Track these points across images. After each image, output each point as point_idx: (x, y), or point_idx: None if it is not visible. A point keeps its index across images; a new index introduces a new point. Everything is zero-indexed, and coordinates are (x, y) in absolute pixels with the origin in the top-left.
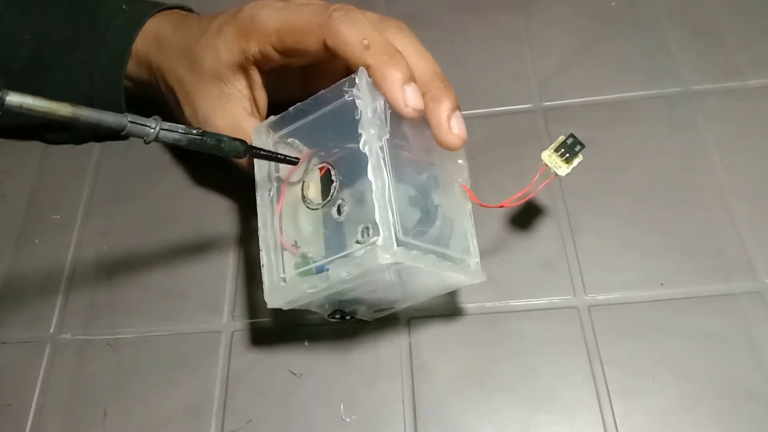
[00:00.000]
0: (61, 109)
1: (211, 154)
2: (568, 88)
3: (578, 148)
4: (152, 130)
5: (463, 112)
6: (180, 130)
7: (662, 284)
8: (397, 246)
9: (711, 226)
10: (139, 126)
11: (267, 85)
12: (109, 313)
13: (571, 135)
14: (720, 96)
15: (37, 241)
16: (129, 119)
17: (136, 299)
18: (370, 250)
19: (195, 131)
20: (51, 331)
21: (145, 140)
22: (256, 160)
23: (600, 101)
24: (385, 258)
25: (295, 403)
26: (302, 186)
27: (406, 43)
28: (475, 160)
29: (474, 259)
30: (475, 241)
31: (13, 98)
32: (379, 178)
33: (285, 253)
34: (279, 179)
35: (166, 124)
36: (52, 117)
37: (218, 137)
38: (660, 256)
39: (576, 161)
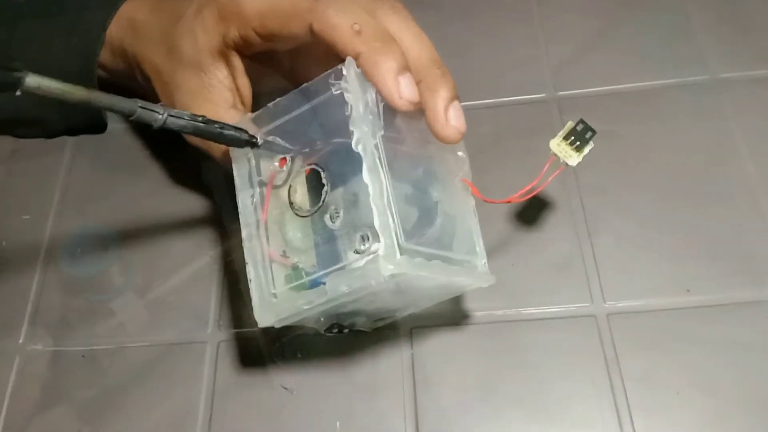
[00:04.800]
0: (76, 92)
1: (216, 142)
2: (584, 76)
3: (589, 134)
4: (161, 116)
5: (469, 103)
6: (186, 117)
7: (688, 290)
8: (400, 254)
9: (741, 227)
10: (149, 112)
11: (251, 71)
12: (84, 322)
13: (581, 121)
14: (750, 84)
15: (4, 243)
16: (139, 104)
17: (113, 307)
18: (371, 261)
19: (200, 119)
20: (20, 341)
21: (153, 126)
22: (234, 160)
23: (619, 90)
24: (388, 269)
25: (287, 421)
26: (289, 190)
27: (400, 25)
28: (483, 155)
29: (481, 260)
30: (481, 241)
31: (32, 80)
32: (376, 179)
33: (274, 265)
34: (261, 183)
35: (174, 111)
36: (67, 99)
37: (221, 125)
38: (685, 260)
39: (587, 149)
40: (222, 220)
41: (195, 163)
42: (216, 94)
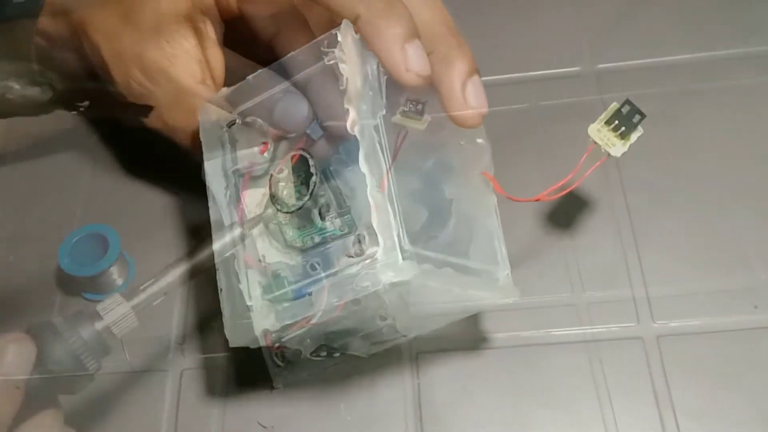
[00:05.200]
0: None
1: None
2: (628, 46)
3: (636, 118)
4: None
5: (490, 78)
6: None
7: (755, 307)
8: (403, 259)
9: None
10: None
11: (223, 42)
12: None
13: (627, 101)
14: None
15: None
16: None
17: None
18: (367, 267)
19: None
20: None
21: None
22: (204, 147)
23: (671, 63)
24: (388, 276)
25: None
26: (270, 182)
27: None
28: (507, 142)
29: (503, 271)
30: (503, 247)
31: None
32: (375, 168)
33: (250, 272)
34: (238, 173)
35: None
36: None
37: (4, 87)
38: (751, 270)
39: (634, 137)
40: (187, 218)
41: (153, 149)
42: (181, 68)
